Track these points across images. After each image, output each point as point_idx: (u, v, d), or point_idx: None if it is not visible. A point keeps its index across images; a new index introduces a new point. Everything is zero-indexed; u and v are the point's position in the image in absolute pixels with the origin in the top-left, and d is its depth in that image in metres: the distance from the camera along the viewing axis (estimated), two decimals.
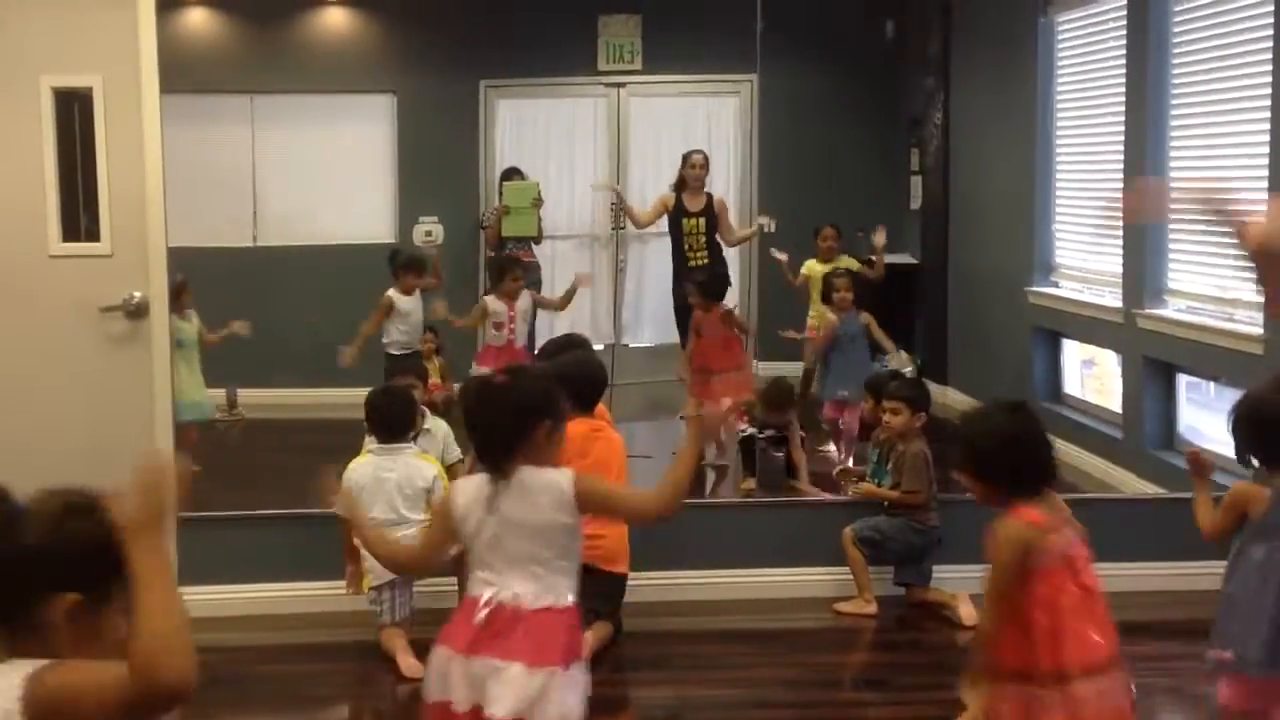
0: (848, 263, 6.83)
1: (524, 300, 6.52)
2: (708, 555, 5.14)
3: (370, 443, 4.72)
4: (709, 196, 6.98)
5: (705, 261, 6.92)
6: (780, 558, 5.17)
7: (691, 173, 6.97)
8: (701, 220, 6.92)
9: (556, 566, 2.90)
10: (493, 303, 6.48)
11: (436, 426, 5.06)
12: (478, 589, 2.91)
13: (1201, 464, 3.42)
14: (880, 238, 6.88)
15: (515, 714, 2.78)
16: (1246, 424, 3.27)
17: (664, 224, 7.18)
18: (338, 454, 4.95)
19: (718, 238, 7.03)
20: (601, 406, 4.76)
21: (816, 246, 6.95)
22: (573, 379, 4.62)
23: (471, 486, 2.99)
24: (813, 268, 6.90)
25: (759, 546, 5.19)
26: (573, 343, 5.16)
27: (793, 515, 5.39)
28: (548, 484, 2.90)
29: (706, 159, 7.05)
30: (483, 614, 2.85)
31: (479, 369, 6.12)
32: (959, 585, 4.89)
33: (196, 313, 6.21)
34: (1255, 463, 3.30)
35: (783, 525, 5.28)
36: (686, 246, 6.95)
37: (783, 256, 6.96)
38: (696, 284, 6.69)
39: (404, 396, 4.79)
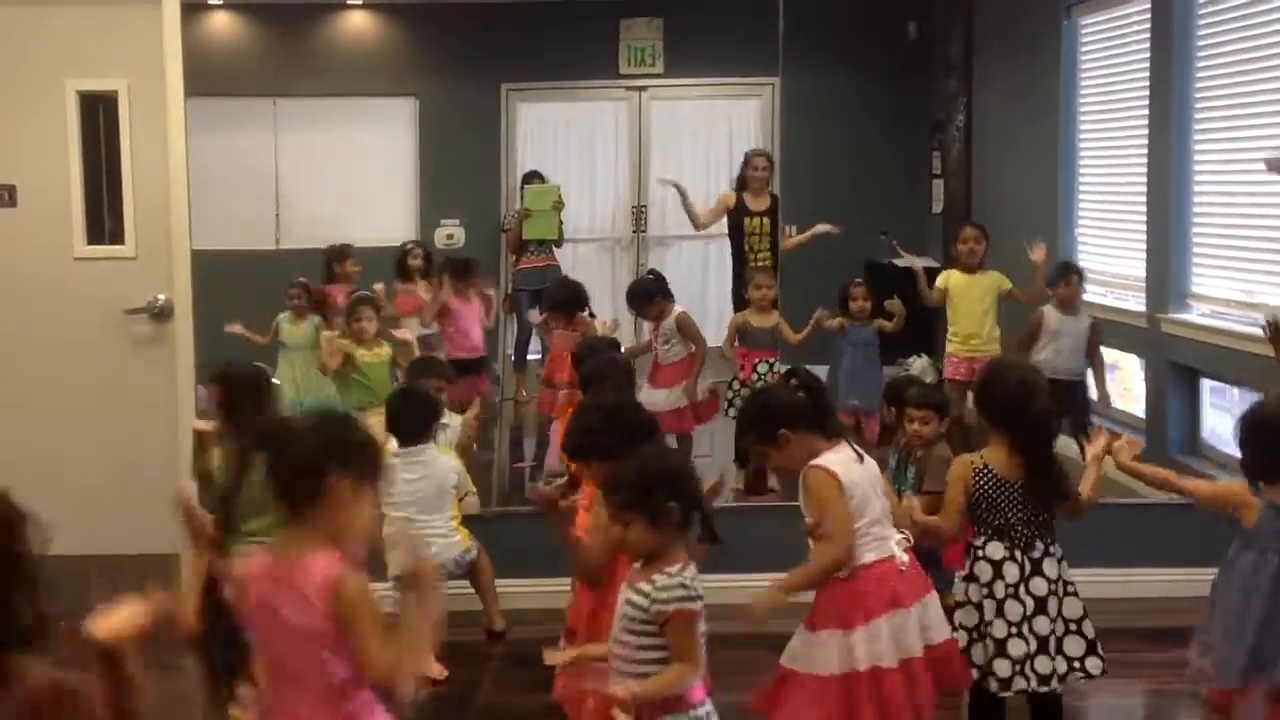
0: (999, 279, 6.14)
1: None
2: (714, 561, 5.07)
3: (389, 443, 4.72)
4: (774, 197, 6.74)
5: (768, 262, 6.60)
6: (779, 565, 5.10)
7: (754, 174, 6.72)
8: (765, 220, 6.65)
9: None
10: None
11: (454, 421, 5.03)
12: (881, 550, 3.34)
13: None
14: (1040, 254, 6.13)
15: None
16: (1252, 435, 3.23)
17: (688, 226, 7.13)
18: None
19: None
20: None
21: (956, 250, 6.22)
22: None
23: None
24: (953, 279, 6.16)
25: (764, 549, 5.12)
26: (606, 344, 5.15)
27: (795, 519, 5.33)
28: None
29: (770, 160, 6.82)
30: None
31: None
32: None
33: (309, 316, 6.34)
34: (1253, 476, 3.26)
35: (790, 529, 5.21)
36: (748, 247, 6.66)
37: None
38: (548, 300, 6.38)
39: (423, 399, 4.74)
